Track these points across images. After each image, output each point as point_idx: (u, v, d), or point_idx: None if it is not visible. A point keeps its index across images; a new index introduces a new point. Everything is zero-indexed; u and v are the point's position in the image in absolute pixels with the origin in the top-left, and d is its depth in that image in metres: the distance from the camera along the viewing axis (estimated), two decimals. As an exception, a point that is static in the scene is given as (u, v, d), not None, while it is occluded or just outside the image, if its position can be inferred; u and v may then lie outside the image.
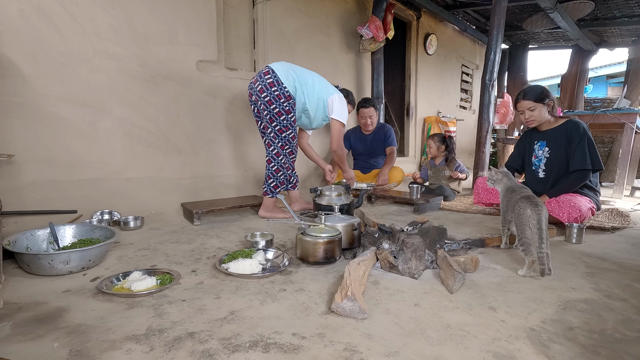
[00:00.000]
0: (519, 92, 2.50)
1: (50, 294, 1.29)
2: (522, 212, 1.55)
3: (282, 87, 2.30)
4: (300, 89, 2.39)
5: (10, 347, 0.98)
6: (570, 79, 6.72)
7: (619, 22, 5.45)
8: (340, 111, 2.52)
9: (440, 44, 5.61)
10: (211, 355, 0.95)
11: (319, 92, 2.46)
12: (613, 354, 0.99)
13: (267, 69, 2.34)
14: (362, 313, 1.14)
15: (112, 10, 2.31)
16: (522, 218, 1.54)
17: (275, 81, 2.29)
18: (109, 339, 1.02)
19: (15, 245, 1.53)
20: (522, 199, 1.60)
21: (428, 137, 3.60)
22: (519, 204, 1.59)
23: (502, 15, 3.62)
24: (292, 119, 2.37)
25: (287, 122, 2.35)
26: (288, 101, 2.32)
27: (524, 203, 1.57)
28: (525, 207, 1.55)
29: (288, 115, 2.34)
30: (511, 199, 1.69)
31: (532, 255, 1.49)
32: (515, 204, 1.62)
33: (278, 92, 2.29)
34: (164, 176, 2.65)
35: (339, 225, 1.71)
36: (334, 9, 3.95)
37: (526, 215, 1.53)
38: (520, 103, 2.47)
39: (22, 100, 2.02)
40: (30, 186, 2.06)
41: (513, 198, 1.67)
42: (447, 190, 3.25)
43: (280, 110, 2.32)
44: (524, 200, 1.59)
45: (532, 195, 1.64)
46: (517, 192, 1.68)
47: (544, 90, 2.44)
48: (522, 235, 1.53)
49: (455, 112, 6.13)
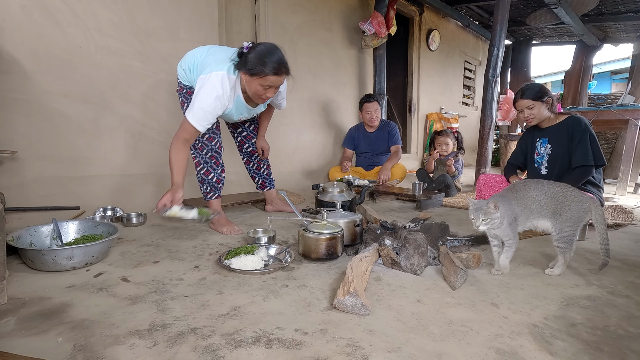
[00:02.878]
0: (517, 91, 2.49)
1: (54, 290, 1.30)
2: (580, 208, 1.42)
3: (179, 81, 2.05)
4: (192, 78, 1.96)
5: (15, 341, 0.99)
6: (574, 75, 6.67)
7: (623, 18, 5.40)
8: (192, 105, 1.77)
9: (443, 39, 5.58)
10: (214, 351, 0.95)
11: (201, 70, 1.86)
12: (616, 350, 0.98)
13: None
14: (365, 309, 1.14)
15: (113, 5, 2.31)
16: (580, 214, 1.43)
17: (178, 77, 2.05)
18: (113, 334, 1.02)
19: (19, 241, 1.54)
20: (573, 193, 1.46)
21: (439, 135, 3.56)
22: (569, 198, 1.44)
23: (505, 11, 3.59)
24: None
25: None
26: (181, 92, 2.04)
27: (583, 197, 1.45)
28: (584, 201, 1.44)
29: (182, 107, 2.04)
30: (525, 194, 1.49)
31: (571, 253, 1.45)
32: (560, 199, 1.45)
33: (178, 87, 2.06)
34: (166, 172, 2.65)
35: (341, 221, 1.71)
36: (336, 4, 3.93)
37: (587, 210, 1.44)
38: (519, 102, 2.46)
39: (24, 96, 2.02)
40: (33, 182, 2.06)
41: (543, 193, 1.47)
42: (449, 179, 3.24)
43: (180, 102, 2.06)
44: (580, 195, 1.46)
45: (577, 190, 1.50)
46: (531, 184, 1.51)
47: (541, 87, 2.43)
48: (572, 233, 1.43)
49: (457, 108, 6.10)
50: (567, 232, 1.42)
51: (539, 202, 1.46)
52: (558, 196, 1.44)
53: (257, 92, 1.81)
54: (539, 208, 1.46)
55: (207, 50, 1.96)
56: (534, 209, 1.46)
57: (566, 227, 1.42)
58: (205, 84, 1.76)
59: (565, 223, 1.42)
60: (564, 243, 1.43)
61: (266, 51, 1.73)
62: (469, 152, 6.37)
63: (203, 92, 1.76)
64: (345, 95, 4.19)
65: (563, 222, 1.42)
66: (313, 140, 3.81)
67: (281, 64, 1.76)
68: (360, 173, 3.62)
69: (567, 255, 1.44)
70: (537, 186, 1.49)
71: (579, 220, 1.42)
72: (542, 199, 1.46)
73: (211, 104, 1.77)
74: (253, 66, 1.72)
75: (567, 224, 1.42)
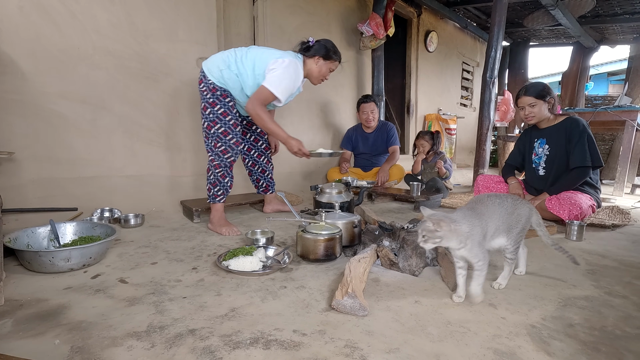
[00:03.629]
0: (521, 88, 2.50)
1: (51, 291, 1.30)
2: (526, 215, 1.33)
3: (206, 81, 2.07)
4: (232, 77, 2.06)
5: (12, 343, 0.98)
6: (571, 77, 6.70)
7: (620, 19, 5.43)
8: (274, 79, 1.98)
9: (441, 41, 5.60)
10: (212, 352, 0.95)
11: (255, 69, 2.04)
12: (613, 350, 0.99)
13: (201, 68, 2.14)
14: (363, 310, 1.14)
15: (112, 7, 2.31)
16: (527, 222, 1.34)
17: (202, 77, 2.09)
18: (110, 336, 1.02)
19: (16, 243, 1.53)
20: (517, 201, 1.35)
21: (417, 137, 3.61)
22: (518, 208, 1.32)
23: (503, 12, 3.61)
24: (219, 112, 2.06)
25: (214, 115, 2.07)
26: (213, 93, 2.06)
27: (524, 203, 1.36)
28: (527, 207, 1.35)
29: (213, 107, 2.06)
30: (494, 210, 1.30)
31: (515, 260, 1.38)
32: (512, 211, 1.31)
33: (204, 87, 2.08)
34: (164, 173, 2.65)
35: (339, 222, 1.71)
36: (334, 6, 3.94)
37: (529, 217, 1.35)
38: (522, 99, 2.47)
39: (21, 97, 2.01)
40: (30, 183, 2.06)
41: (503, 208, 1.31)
42: (439, 183, 3.25)
43: (205, 104, 2.08)
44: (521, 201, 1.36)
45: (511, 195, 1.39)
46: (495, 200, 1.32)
47: (545, 87, 2.44)
48: (520, 243, 1.35)
49: (455, 109, 6.12)
50: (518, 242, 1.32)
51: (501, 217, 1.29)
52: (511, 209, 1.31)
53: (324, 74, 2.21)
54: (502, 224, 1.29)
55: (246, 49, 2.11)
56: (499, 226, 1.28)
57: (518, 238, 1.32)
58: (285, 65, 2.01)
59: (518, 235, 1.31)
60: (514, 254, 1.33)
61: (333, 44, 2.20)
62: (466, 153, 6.39)
63: (285, 70, 2.01)
64: (344, 96, 4.19)
65: (517, 234, 1.30)
66: (311, 141, 3.81)
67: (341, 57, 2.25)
68: (358, 174, 3.63)
69: (513, 266, 1.37)
70: (498, 200, 1.31)
71: (525, 228, 1.34)
72: (503, 214, 1.29)
73: (293, 79, 2.06)
74: (327, 52, 2.15)
75: (520, 235, 1.32)
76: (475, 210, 1.27)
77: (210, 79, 2.06)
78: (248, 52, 2.08)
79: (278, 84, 1.99)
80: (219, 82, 2.06)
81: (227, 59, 2.06)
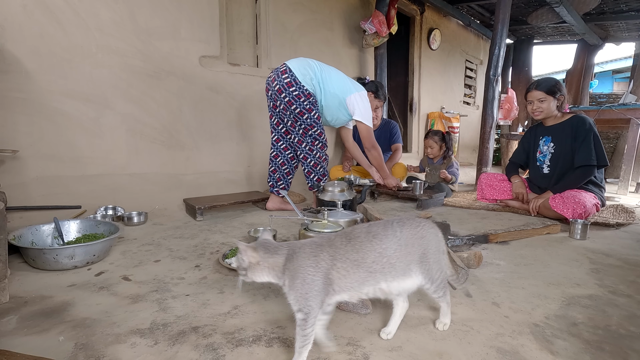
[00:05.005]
0: (533, 82, 2.48)
1: (56, 288, 1.30)
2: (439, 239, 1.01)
3: (300, 85, 2.25)
4: (317, 87, 2.34)
5: (17, 340, 0.99)
6: (576, 74, 6.66)
7: (625, 16, 5.38)
8: (363, 112, 2.47)
9: (444, 38, 5.57)
10: (215, 350, 0.95)
11: (335, 89, 2.39)
12: (617, 349, 0.98)
13: (285, 67, 2.29)
14: (365, 308, 1.14)
15: (114, 5, 2.31)
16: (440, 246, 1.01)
17: (293, 80, 2.25)
18: (114, 333, 1.03)
19: (21, 240, 1.54)
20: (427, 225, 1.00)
21: (426, 136, 3.58)
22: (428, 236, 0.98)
23: (507, 10, 3.58)
24: (315, 116, 2.33)
25: (311, 120, 2.31)
26: (308, 99, 2.28)
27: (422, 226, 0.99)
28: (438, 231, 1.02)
29: (310, 113, 2.30)
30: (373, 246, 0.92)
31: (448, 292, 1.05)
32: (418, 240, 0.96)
33: (297, 91, 2.25)
34: (167, 172, 2.66)
35: (341, 221, 1.71)
36: (337, 3, 3.92)
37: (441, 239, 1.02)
38: (532, 93, 2.45)
39: (25, 95, 2.02)
40: (34, 181, 2.07)
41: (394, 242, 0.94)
42: (445, 188, 3.23)
43: (302, 110, 2.28)
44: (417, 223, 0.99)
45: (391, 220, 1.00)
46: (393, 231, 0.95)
47: (557, 83, 2.41)
48: (443, 273, 1.01)
49: (458, 107, 6.09)
50: (438, 275, 0.99)
51: (389, 256, 0.92)
52: (415, 238, 0.96)
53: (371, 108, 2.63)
54: (390, 266, 0.92)
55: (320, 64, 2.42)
56: (379, 270, 0.92)
57: (435, 273, 0.98)
58: (364, 99, 2.51)
59: (433, 269, 0.98)
60: (440, 290, 1.00)
61: (380, 83, 3.04)
62: (469, 152, 6.36)
63: (366, 104, 2.52)
64: (346, 94, 4.18)
65: (431, 269, 0.97)
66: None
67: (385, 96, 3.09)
68: (361, 172, 3.62)
69: (448, 297, 1.04)
70: (385, 233, 0.94)
71: (441, 257, 1.01)
72: (394, 251, 0.93)
73: (370, 109, 2.57)
74: (377, 90, 3.05)
75: (435, 269, 0.98)
76: (322, 248, 0.92)
77: (305, 84, 2.27)
78: (329, 69, 2.43)
79: (367, 115, 2.51)
80: (311, 89, 2.31)
81: (314, 67, 2.34)
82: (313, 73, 2.32)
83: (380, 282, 0.93)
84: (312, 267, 0.88)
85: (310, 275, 0.88)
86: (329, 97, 2.38)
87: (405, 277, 0.95)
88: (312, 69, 2.32)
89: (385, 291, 0.95)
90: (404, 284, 0.95)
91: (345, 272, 0.90)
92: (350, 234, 0.95)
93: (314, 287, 0.87)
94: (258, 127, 3.15)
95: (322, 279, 0.88)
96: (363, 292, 0.93)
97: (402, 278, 0.94)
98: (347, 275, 0.90)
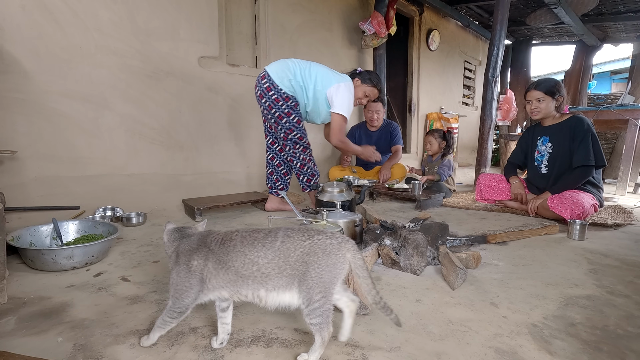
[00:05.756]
0: (533, 82, 2.49)
1: (54, 289, 1.30)
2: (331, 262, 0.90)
3: (277, 89, 2.26)
4: (299, 87, 2.32)
5: (15, 341, 0.99)
6: (574, 75, 6.68)
7: (623, 17, 5.40)
8: (341, 103, 2.34)
9: (443, 39, 5.58)
10: (213, 350, 0.95)
11: (318, 85, 2.33)
12: (615, 350, 0.99)
13: (264, 72, 2.31)
14: (364, 309, 1.14)
15: (113, 5, 2.31)
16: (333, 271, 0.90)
17: (271, 84, 2.26)
18: (113, 334, 1.03)
19: (19, 241, 1.54)
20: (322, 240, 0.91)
21: (427, 133, 3.57)
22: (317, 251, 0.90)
23: (505, 11, 3.59)
24: (294, 120, 2.33)
25: (290, 124, 2.33)
26: (287, 102, 2.28)
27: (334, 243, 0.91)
28: (337, 250, 0.91)
29: (289, 117, 2.31)
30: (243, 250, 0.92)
31: (329, 327, 0.90)
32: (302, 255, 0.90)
33: (275, 95, 2.26)
34: (166, 172, 2.66)
35: (340, 221, 1.71)
36: (336, 4, 3.93)
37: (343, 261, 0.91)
38: (531, 92, 2.45)
39: (24, 96, 2.02)
40: (33, 182, 2.06)
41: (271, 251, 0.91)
42: (444, 189, 3.24)
43: (281, 114, 2.29)
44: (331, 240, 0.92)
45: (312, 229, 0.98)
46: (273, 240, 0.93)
47: (557, 84, 2.42)
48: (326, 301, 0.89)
49: (457, 108, 6.10)
50: (318, 300, 0.88)
51: (261, 265, 0.90)
52: (300, 252, 0.90)
53: (359, 96, 2.53)
54: (262, 275, 0.90)
55: (308, 63, 2.39)
56: (249, 276, 0.90)
57: (316, 295, 0.88)
58: (344, 88, 2.37)
59: (313, 289, 0.88)
60: (317, 317, 0.88)
61: (375, 73, 2.62)
62: (468, 152, 6.37)
63: (346, 94, 2.37)
64: (345, 95, 4.19)
65: (311, 288, 0.88)
66: (312, 140, 3.78)
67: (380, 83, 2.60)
68: (360, 172, 3.62)
69: (325, 333, 0.89)
70: (263, 241, 0.92)
71: (332, 280, 0.90)
72: (268, 260, 0.90)
73: (351, 100, 2.43)
74: (366, 77, 2.54)
75: (316, 290, 0.88)
76: (204, 242, 0.95)
77: (282, 88, 2.26)
78: (311, 67, 2.36)
79: (344, 106, 2.36)
80: (290, 91, 2.29)
81: (293, 69, 2.30)
82: (292, 74, 2.29)
83: (259, 289, 0.91)
84: (185, 265, 0.93)
85: (183, 272, 0.93)
86: (312, 95, 2.36)
87: (286, 291, 0.91)
88: (290, 70, 2.29)
89: (265, 300, 0.92)
90: (283, 297, 0.91)
91: (215, 272, 0.92)
92: (228, 237, 0.95)
93: (185, 282, 0.93)
94: (257, 127, 3.15)
95: (194, 275, 0.92)
96: (242, 294, 0.93)
97: (282, 290, 0.91)
98: (217, 275, 0.92)
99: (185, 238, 1.00)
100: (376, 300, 0.94)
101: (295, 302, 0.91)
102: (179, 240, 1.00)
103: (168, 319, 0.94)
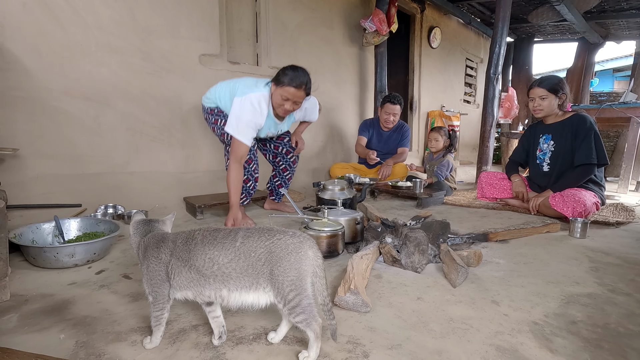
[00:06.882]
0: (536, 79, 2.48)
1: (56, 287, 1.31)
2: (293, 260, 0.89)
3: (204, 109, 2.29)
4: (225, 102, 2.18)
5: (17, 338, 1.00)
6: (576, 73, 6.65)
7: (626, 15, 5.37)
8: (231, 119, 1.99)
9: (445, 37, 5.56)
10: (215, 347, 0.96)
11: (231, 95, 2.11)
12: (616, 347, 0.98)
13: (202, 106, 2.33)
14: (365, 306, 1.14)
15: (114, 3, 2.30)
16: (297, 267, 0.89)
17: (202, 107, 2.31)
18: (115, 331, 1.03)
19: (21, 239, 1.55)
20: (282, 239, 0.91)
21: (433, 130, 3.55)
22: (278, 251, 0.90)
23: (507, 8, 3.57)
24: (221, 124, 2.20)
25: (218, 130, 2.22)
26: (210, 114, 2.25)
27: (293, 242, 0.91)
28: (297, 248, 0.90)
29: (216, 124, 2.23)
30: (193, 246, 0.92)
31: (316, 320, 0.90)
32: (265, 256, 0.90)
33: (204, 115, 2.31)
34: (167, 170, 2.66)
35: (341, 219, 1.71)
36: (337, 2, 3.91)
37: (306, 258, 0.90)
38: (534, 90, 2.44)
39: (25, 94, 2.02)
40: (34, 180, 2.07)
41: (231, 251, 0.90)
42: (445, 187, 3.23)
43: (212, 127, 2.28)
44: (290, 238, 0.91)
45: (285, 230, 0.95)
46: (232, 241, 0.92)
47: (560, 81, 2.41)
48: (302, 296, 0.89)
49: (459, 106, 6.08)
50: (292, 299, 0.88)
51: (221, 264, 0.90)
52: (260, 252, 0.90)
53: (277, 102, 2.03)
54: (223, 275, 0.90)
55: (233, 81, 2.17)
56: (210, 275, 0.90)
57: (289, 294, 0.88)
58: (243, 103, 1.97)
59: (284, 288, 0.89)
60: (299, 315, 0.89)
61: (290, 67, 1.99)
62: (469, 150, 6.36)
63: (239, 109, 1.97)
64: (346, 93, 4.18)
65: (281, 288, 0.89)
66: (314, 138, 3.80)
67: (297, 79, 1.96)
68: (361, 170, 3.62)
69: (315, 326, 0.90)
70: (223, 241, 0.92)
71: (300, 277, 0.89)
72: (229, 260, 0.90)
73: (251, 113, 1.98)
74: (278, 76, 1.99)
75: (287, 289, 0.89)
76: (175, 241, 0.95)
77: (205, 105, 2.26)
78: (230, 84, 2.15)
79: (235, 124, 1.97)
80: (211, 105, 2.23)
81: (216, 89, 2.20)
82: (216, 94, 2.19)
83: (221, 289, 0.91)
84: (155, 258, 0.93)
85: (153, 265, 0.93)
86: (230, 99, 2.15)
87: (250, 290, 0.90)
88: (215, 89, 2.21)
89: (227, 299, 0.92)
90: (247, 296, 0.91)
91: (178, 270, 0.92)
92: (192, 235, 0.95)
93: (157, 275, 0.93)
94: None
95: (164, 271, 0.93)
96: (205, 294, 0.92)
97: (245, 290, 0.90)
98: (180, 273, 0.92)
99: (151, 232, 1.00)
100: (325, 302, 0.92)
101: (261, 302, 0.92)
102: (145, 234, 0.99)
103: (157, 312, 0.94)
